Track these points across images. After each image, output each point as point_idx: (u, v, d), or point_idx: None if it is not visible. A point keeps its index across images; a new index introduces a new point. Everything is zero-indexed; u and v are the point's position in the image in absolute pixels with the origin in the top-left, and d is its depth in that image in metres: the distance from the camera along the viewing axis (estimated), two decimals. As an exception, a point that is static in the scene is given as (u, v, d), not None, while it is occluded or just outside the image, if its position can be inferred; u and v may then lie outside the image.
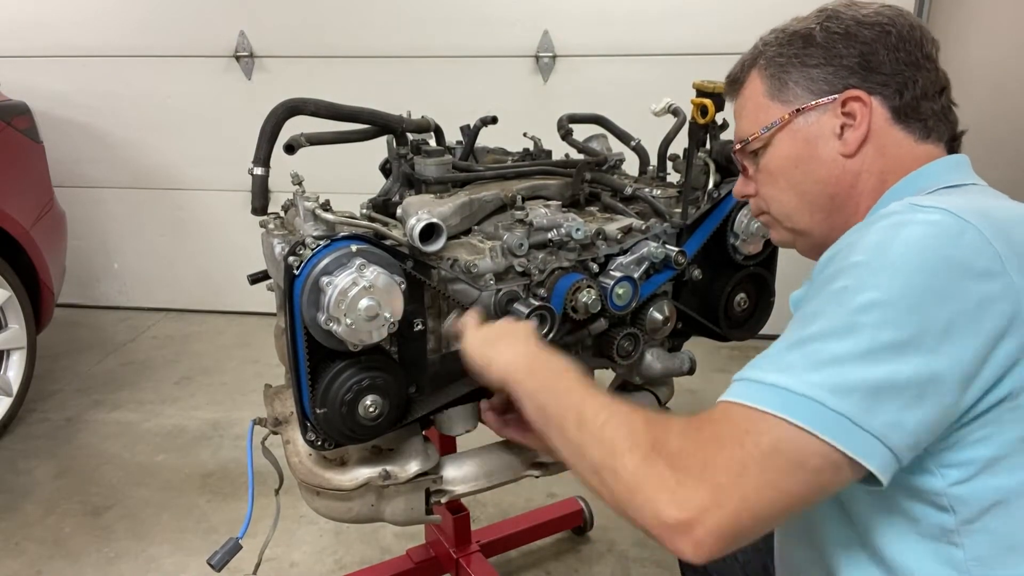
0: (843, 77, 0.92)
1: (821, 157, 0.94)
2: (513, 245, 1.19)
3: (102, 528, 2.26)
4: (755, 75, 1.00)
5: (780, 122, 0.95)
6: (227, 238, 3.73)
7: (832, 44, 0.93)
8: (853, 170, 0.92)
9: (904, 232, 0.74)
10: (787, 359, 0.74)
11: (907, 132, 0.92)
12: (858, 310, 0.71)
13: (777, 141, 0.97)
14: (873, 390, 0.69)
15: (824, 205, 0.95)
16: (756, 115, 0.99)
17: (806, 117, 0.94)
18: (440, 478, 1.29)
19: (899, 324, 0.70)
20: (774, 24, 1.01)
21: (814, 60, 0.93)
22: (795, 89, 0.95)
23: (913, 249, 0.73)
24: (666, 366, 1.42)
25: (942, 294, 0.70)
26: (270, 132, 1.17)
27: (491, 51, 3.34)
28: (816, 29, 0.94)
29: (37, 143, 2.93)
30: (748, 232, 1.37)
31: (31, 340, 2.79)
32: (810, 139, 0.94)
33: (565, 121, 1.59)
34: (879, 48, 0.91)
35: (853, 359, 0.70)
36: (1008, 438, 0.74)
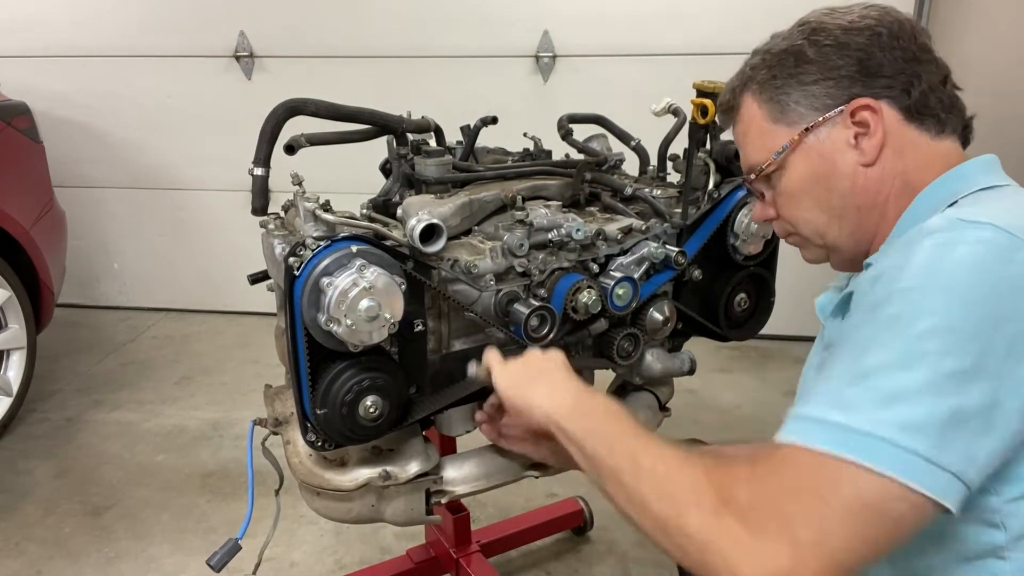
0: (845, 88, 0.90)
1: (841, 170, 0.92)
2: (513, 245, 1.19)
3: (102, 528, 2.26)
4: (749, 100, 0.98)
5: (791, 144, 0.94)
6: (227, 238, 3.73)
7: (826, 57, 0.91)
8: (876, 177, 0.91)
9: (956, 253, 0.71)
10: (848, 395, 0.69)
11: (922, 129, 0.90)
12: (917, 338, 0.68)
13: (791, 163, 0.95)
14: (943, 424, 0.66)
15: (852, 216, 0.94)
16: (762, 141, 0.97)
17: (816, 134, 0.93)
18: (440, 479, 1.29)
19: (961, 351, 0.67)
20: (775, 24, 0.99)
21: (811, 77, 0.92)
22: (797, 109, 0.93)
23: (967, 270, 0.70)
24: (666, 366, 1.42)
25: (1001, 316, 0.68)
26: (270, 132, 1.17)
27: (491, 51, 3.34)
28: (805, 45, 0.93)
29: (37, 143, 2.92)
30: (748, 232, 1.37)
31: (31, 340, 2.79)
32: (825, 154, 0.93)
33: (565, 121, 1.59)
34: (875, 51, 0.90)
35: (918, 392, 0.67)
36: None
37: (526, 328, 1.17)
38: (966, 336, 0.68)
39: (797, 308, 3.43)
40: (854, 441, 0.67)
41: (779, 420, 0.75)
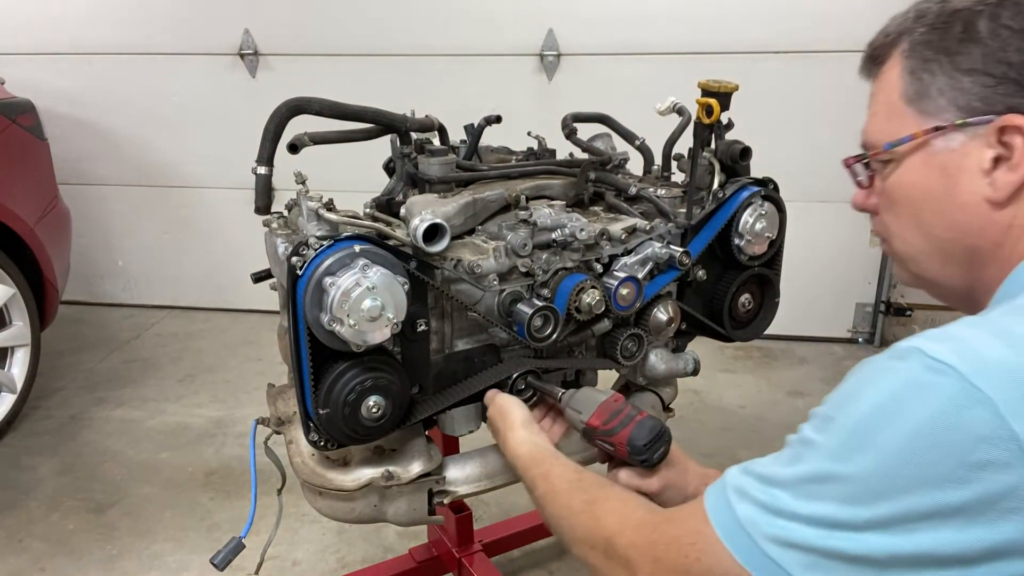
0: (1006, 93, 0.70)
1: (960, 198, 0.74)
2: (517, 245, 1.18)
3: (105, 525, 2.27)
4: (895, 59, 0.78)
5: (912, 139, 0.76)
6: (231, 236, 3.74)
7: (999, 43, 0.70)
8: (1002, 222, 0.72)
9: (891, 398, 0.62)
10: (763, 493, 0.69)
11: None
12: (815, 478, 0.65)
13: (906, 163, 0.78)
14: (819, 554, 0.64)
15: (960, 258, 0.77)
16: (887, 120, 0.79)
17: (947, 139, 0.73)
18: (443, 479, 1.29)
19: (857, 504, 0.62)
20: (782, 23, 0.88)
21: (968, 63, 0.72)
22: (938, 99, 0.74)
23: (890, 423, 0.61)
24: (670, 367, 1.42)
25: (917, 483, 0.59)
26: (274, 131, 1.17)
27: (495, 50, 3.33)
28: (982, 14, 0.71)
29: (42, 140, 2.93)
30: (753, 233, 1.37)
31: (35, 337, 2.80)
32: (949, 170, 0.74)
33: (569, 120, 1.59)
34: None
35: (806, 522, 0.65)
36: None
37: (529, 328, 1.17)
38: (870, 494, 0.62)
39: (802, 309, 3.41)
40: (738, 534, 0.69)
41: (782, 421, 0.75)
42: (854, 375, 0.67)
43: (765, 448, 0.74)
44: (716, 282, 1.43)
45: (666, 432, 1.06)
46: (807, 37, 3.05)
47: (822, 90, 3.01)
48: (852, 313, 3.50)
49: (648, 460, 1.04)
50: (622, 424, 1.06)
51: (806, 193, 2.79)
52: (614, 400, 1.10)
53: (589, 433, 1.10)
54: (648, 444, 1.04)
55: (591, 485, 0.94)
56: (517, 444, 1.09)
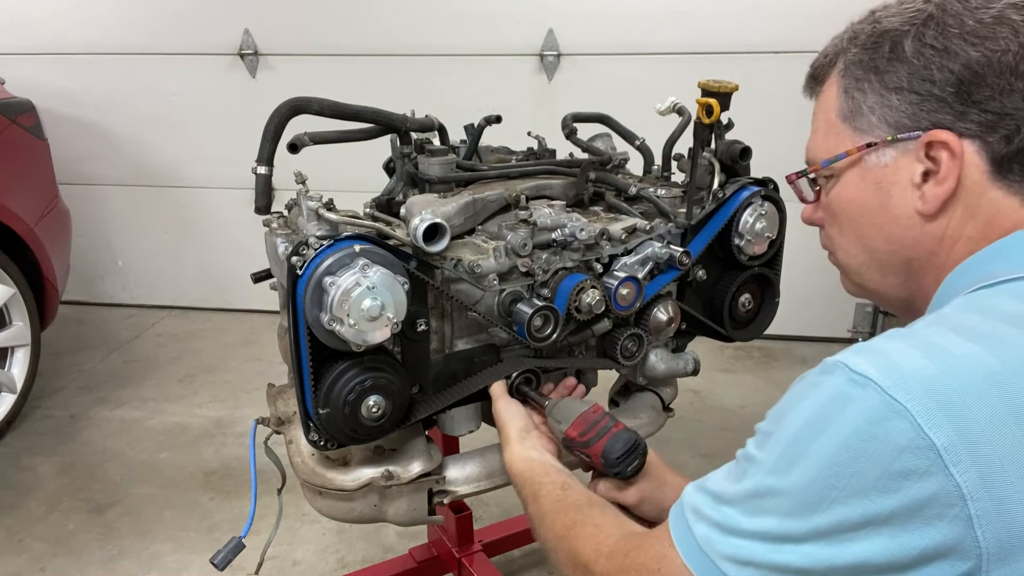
0: (931, 111, 0.72)
1: (893, 211, 0.76)
2: (517, 245, 1.18)
3: (105, 525, 2.27)
4: (833, 78, 0.81)
5: (847, 155, 0.78)
6: (231, 236, 3.74)
7: (923, 61, 0.72)
8: (934, 234, 0.74)
9: (818, 412, 0.64)
10: (708, 509, 0.71)
11: (1009, 191, 0.72)
12: (757, 494, 0.67)
13: (844, 178, 0.80)
14: (768, 568, 0.65)
15: (898, 269, 0.79)
16: (825, 137, 0.82)
17: (880, 155, 0.76)
18: (443, 479, 1.29)
19: (796, 517, 0.64)
20: (783, 25, 0.89)
21: (896, 81, 0.74)
22: (870, 117, 0.76)
23: (819, 437, 0.63)
24: (670, 367, 1.42)
25: (847, 494, 0.61)
26: (274, 131, 1.17)
27: (496, 49, 3.33)
28: (909, 34, 0.73)
29: (42, 140, 2.93)
30: (753, 232, 1.37)
31: (35, 337, 2.80)
32: (883, 185, 0.76)
33: (569, 120, 1.59)
34: (988, 74, 0.70)
35: (754, 538, 0.66)
36: None
37: (529, 328, 1.17)
38: (805, 505, 0.63)
39: (801, 308, 3.41)
40: (695, 551, 0.70)
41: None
42: (790, 390, 0.69)
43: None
44: (716, 282, 1.43)
45: (641, 445, 1.06)
46: (807, 37, 3.04)
47: (822, 90, 3.01)
48: (852, 313, 3.50)
49: (621, 472, 1.05)
50: (598, 436, 1.06)
51: (806, 193, 2.78)
52: (593, 411, 1.10)
53: (568, 444, 1.10)
54: (621, 457, 1.04)
55: (572, 506, 0.95)
56: (511, 461, 1.10)
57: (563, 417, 1.11)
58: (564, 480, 1.01)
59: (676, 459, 2.45)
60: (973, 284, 0.70)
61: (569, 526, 0.92)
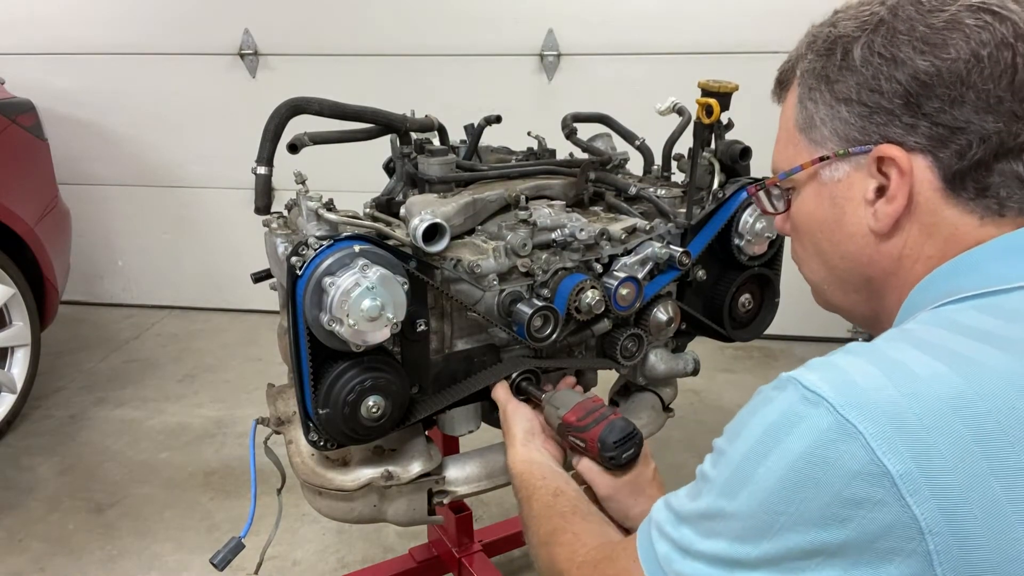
0: (881, 124, 0.68)
1: (848, 228, 0.73)
2: (516, 245, 1.18)
3: (105, 525, 2.27)
4: (794, 86, 0.77)
5: (802, 169, 0.75)
6: (231, 236, 3.74)
7: (872, 71, 0.67)
8: (891, 254, 0.71)
9: (767, 432, 0.60)
10: (669, 528, 0.69)
11: (965, 209, 0.67)
12: (708, 514, 0.65)
13: (803, 191, 0.77)
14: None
15: (859, 286, 0.76)
16: (785, 147, 0.78)
17: (833, 169, 0.72)
18: (443, 479, 1.29)
19: (745, 542, 0.61)
20: (783, 24, 0.84)
21: (845, 91, 0.70)
22: (822, 129, 0.72)
23: (766, 458, 0.59)
24: (670, 367, 1.42)
25: (796, 520, 0.57)
26: (273, 131, 1.17)
27: (495, 50, 3.33)
28: (858, 41, 0.69)
29: (42, 140, 2.93)
30: (753, 232, 1.37)
31: (35, 337, 2.80)
32: (837, 200, 0.73)
33: (569, 120, 1.59)
34: (937, 84, 0.65)
35: (707, 560, 0.64)
36: None
37: (529, 328, 1.17)
38: (756, 530, 0.60)
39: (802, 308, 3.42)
40: (657, 571, 0.69)
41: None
42: (746, 405, 0.66)
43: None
44: (716, 282, 1.43)
45: (638, 435, 1.06)
46: (807, 37, 3.05)
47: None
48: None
49: (616, 458, 1.04)
50: (595, 422, 1.06)
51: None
52: (592, 400, 1.11)
53: (563, 429, 1.10)
54: (618, 443, 1.04)
55: (557, 513, 0.95)
56: (512, 462, 1.10)
57: (561, 404, 1.12)
58: (557, 486, 1.01)
59: (676, 459, 2.45)
60: (937, 299, 0.66)
61: (551, 532, 0.92)
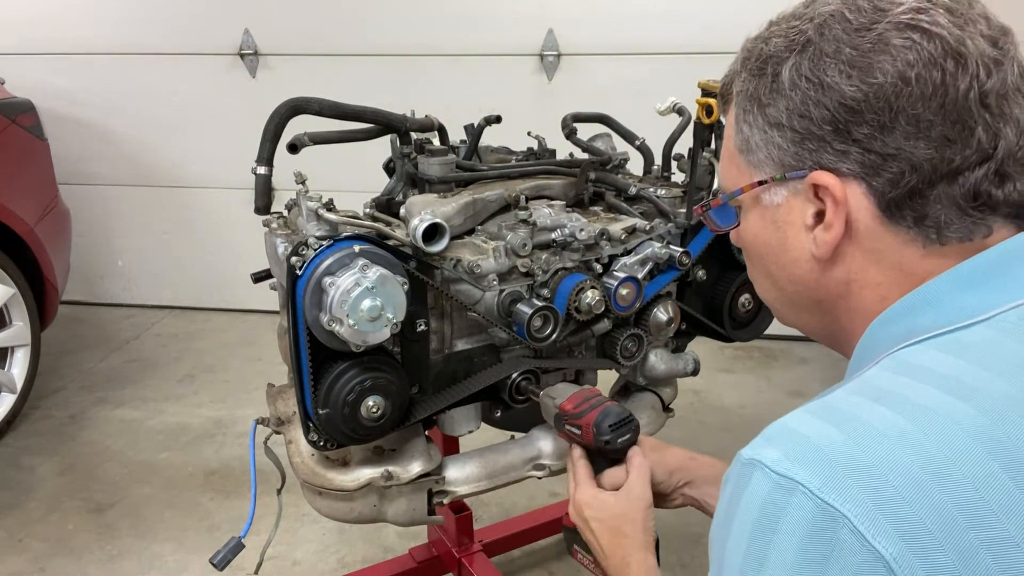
0: (812, 150, 0.65)
1: (791, 253, 0.70)
2: (516, 245, 1.18)
3: (105, 525, 2.27)
4: (733, 105, 0.74)
5: (743, 192, 0.72)
6: (231, 236, 3.74)
7: (800, 95, 0.64)
8: (838, 279, 0.68)
9: (753, 539, 0.55)
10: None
11: (907, 238, 0.64)
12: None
13: (748, 212, 0.74)
14: None
15: (810, 307, 0.73)
16: (728, 167, 0.75)
17: (772, 194, 0.69)
18: (442, 479, 1.29)
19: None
20: None
21: (776, 115, 0.66)
22: (758, 152, 0.69)
23: (764, 567, 0.54)
24: (670, 367, 1.42)
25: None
26: (273, 131, 1.17)
27: (495, 49, 3.33)
28: (786, 62, 0.65)
29: (42, 140, 2.93)
30: (753, 233, 1.37)
31: (35, 337, 2.80)
32: (779, 224, 0.70)
33: (569, 120, 1.59)
34: (865, 110, 0.61)
35: None
36: None
37: (529, 328, 1.17)
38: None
39: (801, 308, 3.37)
40: None
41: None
42: (719, 499, 0.62)
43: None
44: (716, 282, 1.43)
45: (634, 421, 1.06)
46: (807, 37, 3.05)
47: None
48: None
49: (611, 443, 1.04)
50: (591, 408, 1.06)
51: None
52: (589, 391, 1.11)
53: (560, 419, 1.10)
54: (613, 426, 1.04)
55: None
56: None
57: (558, 394, 1.12)
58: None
59: (676, 459, 2.45)
60: (897, 340, 0.63)
61: None
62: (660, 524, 1.05)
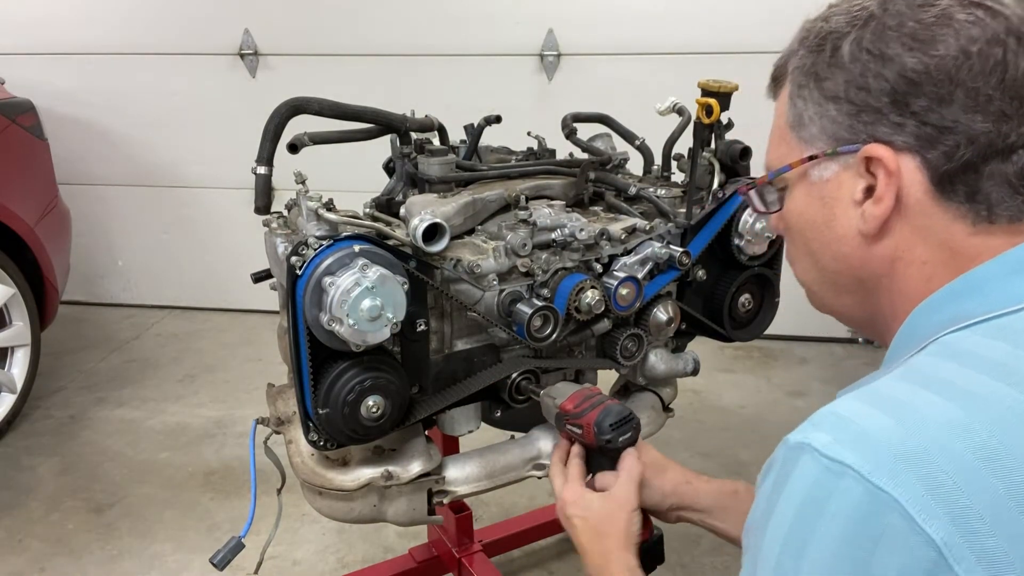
0: (868, 123, 0.65)
1: (837, 229, 0.70)
2: (516, 245, 1.18)
3: (105, 525, 2.27)
4: (787, 82, 0.74)
5: (792, 168, 0.72)
6: (231, 236, 3.74)
7: (860, 67, 0.65)
8: (883, 256, 0.68)
9: (799, 518, 0.55)
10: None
11: (957, 213, 0.64)
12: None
13: (795, 190, 0.74)
14: None
15: (851, 288, 0.73)
16: (777, 145, 0.76)
17: (822, 169, 0.70)
18: (442, 479, 1.29)
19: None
20: (782, 24, 0.82)
21: (833, 88, 0.67)
22: (811, 127, 0.70)
23: (806, 551, 0.54)
24: (670, 367, 1.42)
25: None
26: (273, 131, 1.17)
27: (495, 50, 3.33)
28: (848, 37, 0.66)
29: (42, 140, 2.93)
30: (753, 232, 1.37)
31: (35, 337, 2.80)
32: (827, 200, 0.70)
33: (569, 120, 1.59)
34: (925, 82, 0.62)
35: None
36: None
37: (529, 328, 1.17)
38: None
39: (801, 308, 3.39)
40: None
41: (782, 421, 0.74)
42: (761, 486, 0.62)
43: (765, 448, 0.72)
44: (716, 282, 1.43)
45: (635, 420, 1.06)
46: (807, 37, 3.05)
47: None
48: (852, 313, 3.50)
49: (612, 442, 1.04)
50: (591, 407, 1.06)
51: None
52: (590, 390, 1.12)
53: (560, 418, 1.10)
54: (614, 425, 1.04)
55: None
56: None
57: (558, 393, 1.13)
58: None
59: (676, 459, 2.44)
60: (944, 325, 0.63)
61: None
62: (661, 523, 1.05)
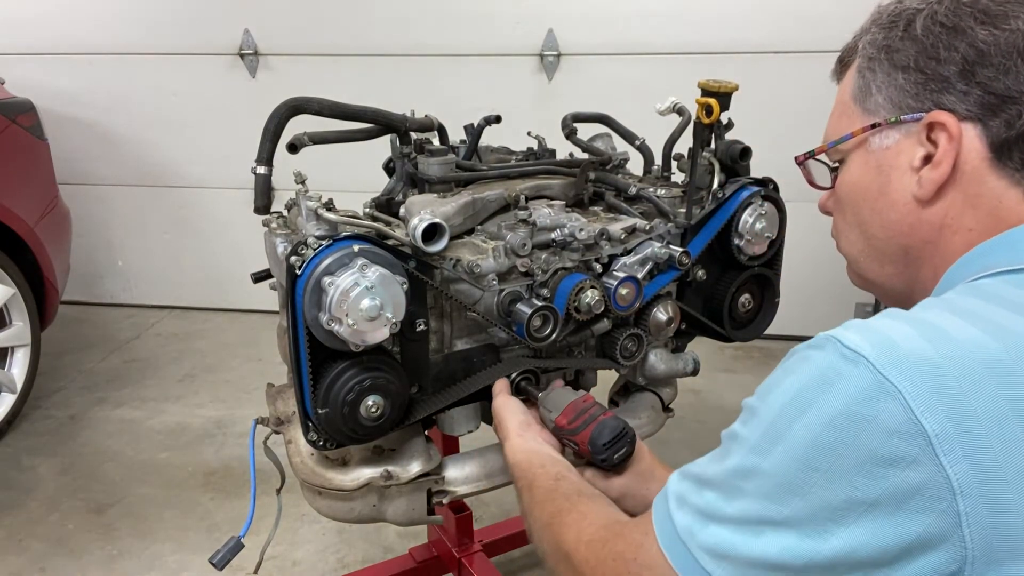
0: (935, 91, 0.71)
1: (891, 195, 0.75)
2: (516, 245, 1.18)
3: (105, 525, 2.27)
4: (855, 61, 0.80)
5: (852, 136, 0.77)
6: (231, 236, 3.74)
7: (932, 40, 0.71)
8: (932, 221, 0.73)
9: (804, 388, 0.60)
10: (692, 496, 0.69)
11: (1011, 181, 0.69)
12: (738, 473, 0.64)
13: (850, 161, 0.79)
14: (745, 563, 0.63)
15: (895, 257, 0.78)
16: (838, 119, 0.81)
17: (883, 137, 0.75)
18: (442, 479, 1.29)
19: (775, 500, 0.61)
20: (781, 24, 0.88)
21: (904, 59, 0.73)
22: (877, 96, 0.75)
23: (803, 415, 0.60)
24: (670, 367, 1.42)
25: (829, 477, 0.58)
26: (273, 131, 1.17)
27: (495, 50, 3.33)
28: (922, 12, 0.72)
29: (42, 140, 2.93)
30: (753, 232, 1.37)
31: (35, 337, 2.80)
32: (883, 168, 0.75)
33: (569, 120, 1.58)
34: (994, 53, 0.68)
35: (733, 523, 0.64)
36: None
37: (528, 328, 1.17)
38: (782, 488, 0.60)
39: (801, 308, 3.40)
40: (674, 541, 0.69)
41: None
42: (780, 364, 0.67)
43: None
44: (716, 282, 1.43)
45: (629, 433, 1.06)
46: (807, 37, 3.05)
47: (822, 90, 3.00)
48: (852, 313, 3.50)
49: (608, 460, 1.04)
50: (585, 424, 1.06)
51: (806, 193, 2.78)
52: (583, 400, 1.10)
53: (558, 432, 1.10)
54: (608, 443, 1.03)
55: (561, 495, 0.94)
56: (511, 452, 1.08)
57: (553, 406, 1.12)
58: (559, 471, 1.00)
59: (676, 459, 2.43)
60: (974, 274, 0.68)
61: (554, 514, 0.90)
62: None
